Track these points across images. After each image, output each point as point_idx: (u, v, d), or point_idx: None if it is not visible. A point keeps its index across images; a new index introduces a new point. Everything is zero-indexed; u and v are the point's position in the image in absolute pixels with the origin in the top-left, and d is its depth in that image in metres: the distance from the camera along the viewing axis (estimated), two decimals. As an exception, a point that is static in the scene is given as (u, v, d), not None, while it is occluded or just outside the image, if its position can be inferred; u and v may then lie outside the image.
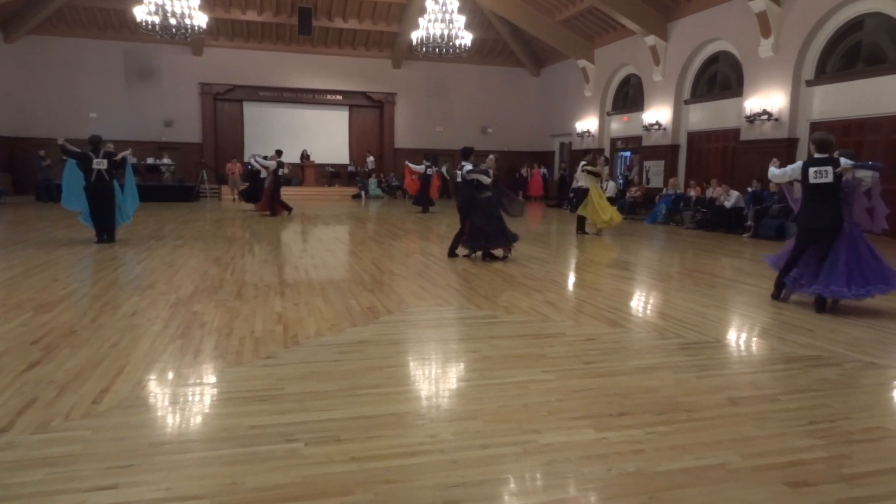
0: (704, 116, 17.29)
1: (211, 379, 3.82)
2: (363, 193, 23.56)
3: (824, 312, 5.75)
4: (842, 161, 5.72)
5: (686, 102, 17.80)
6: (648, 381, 3.85)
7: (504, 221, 8.84)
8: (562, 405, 3.44)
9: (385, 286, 6.87)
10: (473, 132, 25.05)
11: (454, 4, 17.66)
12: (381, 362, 4.17)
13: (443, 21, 17.60)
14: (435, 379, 4.03)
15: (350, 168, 25.53)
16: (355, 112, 25.72)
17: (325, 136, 25.11)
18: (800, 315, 5.72)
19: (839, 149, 6.13)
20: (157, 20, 16.40)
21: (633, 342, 4.82)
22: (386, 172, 25.22)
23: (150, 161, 22.09)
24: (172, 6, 16.35)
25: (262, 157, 16.40)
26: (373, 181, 24.29)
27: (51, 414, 3.18)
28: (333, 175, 25.16)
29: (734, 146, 15.90)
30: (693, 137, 17.74)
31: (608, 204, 12.69)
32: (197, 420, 3.23)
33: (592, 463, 2.77)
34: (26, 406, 3.27)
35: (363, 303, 5.98)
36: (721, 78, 16.76)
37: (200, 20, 16.99)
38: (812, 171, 5.79)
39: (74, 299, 5.90)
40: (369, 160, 25.03)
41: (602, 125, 22.02)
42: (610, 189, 15.68)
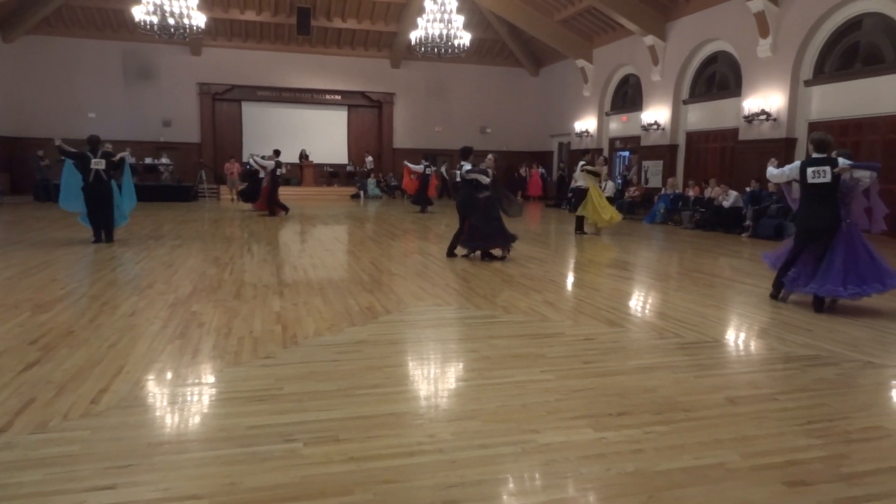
0: (703, 116, 17.30)
1: (209, 379, 3.82)
2: (362, 193, 23.55)
3: (823, 312, 5.76)
4: (839, 161, 5.73)
5: (684, 102, 17.81)
6: (647, 381, 3.86)
7: (503, 221, 8.84)
8: (560, 405, 3.45)
9: (384, 286, 6.87)
10: (472, 132, 25.03)
11: (453, 4, 17.64)
12: (380, 362, 4.17)
13: (441, 21, 17.58)
14: (434, 379, 4.03)
15: (349, 168, 25.52)
16: (354, 112, 25.70)
17: (324, 136, 25.10)
18: (798, 315, 5.73)
19: (837, 148, 6.14)
20: (156, 20, 16.36)
21: (632, 342, 4.82)
22: (385, 172, 25.21)
23: (149, 161, 22.08)
24: (171, 6, 16.31)
25: (261, 157, 16.39)
26: (371, 181, 24.29)
27: (49, 414, 3.18)
28: (332, 175, 25.16)
29: (732, 146, 15.91)
30: (691, 137, 17.75)
31: (608, 203, 12.71)
32: (195, 420, 3.23)
33: (591, 463, 2.77)
34: (24, 406, 3.27)
35: (362, 303, 5.97)
36: (719, 78, 16.77)
37: (199, 20, 16.95)
38: (810, 171, 5.79)
39: (73, 299, 5.89)
40: (368, 160, 25.02)
41: (601, 125, 22.02)
42: (609, 189, 15.66)
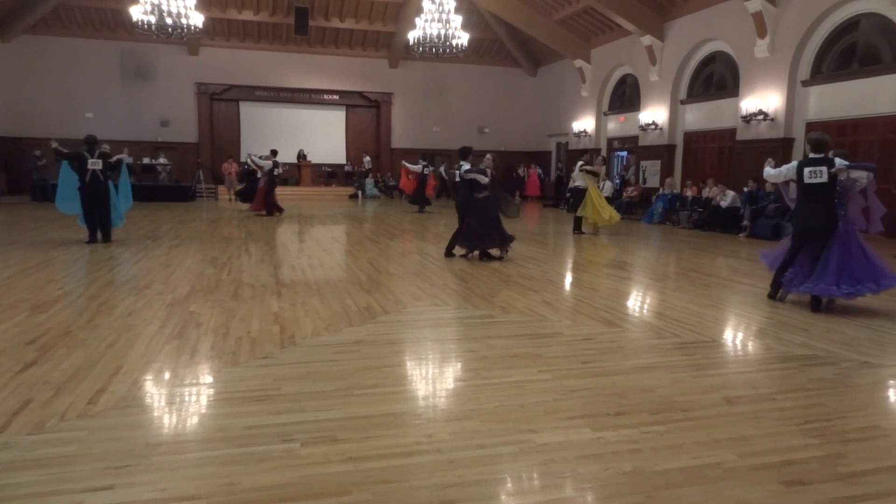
0: (701, 116, 17.32)
1: (207, 379, 3.81)
2: (360, 193, 23.55)
3: (820, 312, 5.77)
4: (836, 161, 5.74)
5: (682, 102, 17.83)
6: (645, 381, 3.86)
7: (501, 221, 8.84)
8: (558, 405, 3.45)
9: (382, 286, 6.86)
10: (470, 132, 25.03)
11: (451, 4, 17.64)
12: (378, 362, 4.17)
13: (439, 21, 17.58)
14: (432, 379, 4.03)
15: (347, 168, 25.52)
16: (352, 112, 25.70)
17: (322, 136, 25.09)
18: (795, 314, 5.74)
19: (834, 148, 6.15)
20: (154, 20, 16.35)
21: (630, 342, 4.83)
22: (383, 172, 25.20)
23: (147, 161, 22.06)
24: (168, 6, 16.30)
25: (259, 157, 16.37)
26: (369, 181, 24.29)
27: (46, 414, 3.18)
28: (330, 175, 25.16)
29: (730, 146, 15.93)
30: (689, 137, 17.77)
31: (606, 203, 12.74)
32: (193, 420, 3.23)
33: (589, 462, 2.77)
34: (22, 407, 3.27)
35: (360, 303, 5.97)
36: (717, 78, 16.80)
37: (196, 20, 16.95)
38: (807, 171, 5.80)
39: (70, 299, 5.89)
40: (366, 160, 25.02)
41: (599, 125, 22.05)
42: (607, 189, 15.71)
